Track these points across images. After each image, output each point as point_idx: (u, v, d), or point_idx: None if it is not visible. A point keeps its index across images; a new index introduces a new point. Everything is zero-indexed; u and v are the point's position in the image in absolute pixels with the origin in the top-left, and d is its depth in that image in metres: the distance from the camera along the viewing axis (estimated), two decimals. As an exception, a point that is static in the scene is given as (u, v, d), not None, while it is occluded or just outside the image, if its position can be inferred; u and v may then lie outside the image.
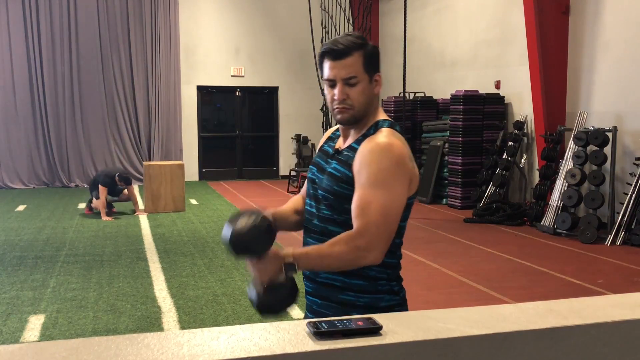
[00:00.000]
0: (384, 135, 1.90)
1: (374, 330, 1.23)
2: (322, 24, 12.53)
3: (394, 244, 1.93)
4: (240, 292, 5.51)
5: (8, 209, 10.03)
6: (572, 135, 8.35)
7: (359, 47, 1.91)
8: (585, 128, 8.25)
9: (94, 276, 6.00)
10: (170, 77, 13.58)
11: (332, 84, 1.93)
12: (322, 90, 12.77)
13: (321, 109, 13.08)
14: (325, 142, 2.12)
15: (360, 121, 1.96)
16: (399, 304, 1.99)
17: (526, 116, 9.62)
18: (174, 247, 7.27)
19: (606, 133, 7.86)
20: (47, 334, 4.45)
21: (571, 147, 8.34)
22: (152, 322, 4.73)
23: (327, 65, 1.93)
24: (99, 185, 9.07)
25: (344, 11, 12.65)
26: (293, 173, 12.63)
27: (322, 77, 1.98)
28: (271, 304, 1.96)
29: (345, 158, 1.95)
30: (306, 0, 12.75)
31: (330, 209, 1.97)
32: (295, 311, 4.98)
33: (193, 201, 10.85)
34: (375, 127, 1.95)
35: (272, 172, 14.78)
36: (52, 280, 5.84)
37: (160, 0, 13.34)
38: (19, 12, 12.53)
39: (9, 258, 6.69)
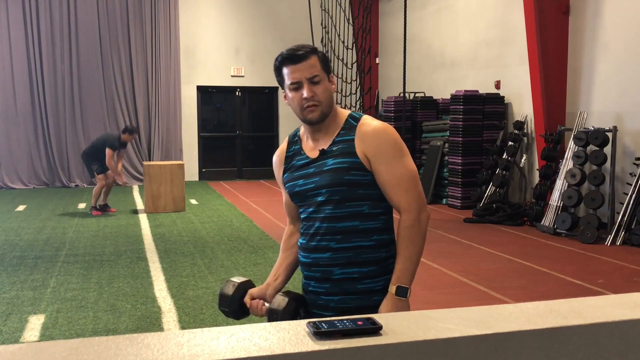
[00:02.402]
0: (372, 119, 2.13)
1: (374, 330, 1.23)
2: (322, 24, 12.53)
3: (390, 222, 2.16)
4: (240, 292, 5.50)
5: (8, 209, 10.04)
6: (572, 135, 8.35)
7: (313, 51, 2.13)
8: (585, 128, 8.25)
9: (94, 276, 6.00)
10: (170, 77, 13.58)
11: (298, 86, 2.08)
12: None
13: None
14: (290, 161, 2.21)
15: (326, 118, 2.11)
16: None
17: (526, 116, 9.62)
18: (174, 247, 7.27)
19: (606, 133, 7.86)
20: (47, 334, 4.45)
21: (571, 147, 8.34)
22: (152, 322, 4.73)
23: (288, 70, 2.10)
24: (106, 149, 9.05)
25: (344, 11, 12.65)
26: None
27: (283, 84, 2.13)
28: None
29: (342, 150, 2.09)
30: (306, 0, 12.76)
31: (337, 206, 2.08)
32: (295, 311, 4.98)
33: (193, 201, 10.85)
34: (353, 119, 2.13)
35: (272, 172, 14.75)
36: (52, 280, 5.84)
37: (160, 0, 13.34)
38: (19, 12, 12.53)
39: (9, 258, 6.69)
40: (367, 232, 2.09)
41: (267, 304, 2.25)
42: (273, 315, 2.10)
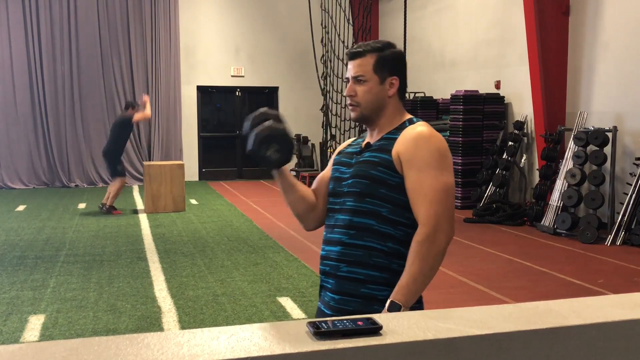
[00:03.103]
0: (424, 126, 2.04)
1: (374, 330, 1.23)
2: (322, 24, 12.53)
3: (411, 235, 1.99)
4: (240, 292, 5.51)
5: (8, 209, 10.04)
6: (572, 135, 8.35)
7: (373, 50, 2.05)
8: (585, 128, 8.25)
9: (94, 276, 6.00)
10: (170, 77, 13.58)
11: (347, 81, 2.09)
12: (322, 90, 12.84)
13: (321, 109, 13.08)
14: (347, 147, 2.21)
15: (372, 119, 2.08)
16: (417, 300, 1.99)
17: (526, 116, 9.62)
18: (174, 247, 7.27)
19: (606, 133, 7.86)
20: (47, 334, 4.45)
21: (571, 147, 8.34)
22: (152, 322, 4.73)
23: (348, 65, 2.11)
24: (133, 120, 9.57)
25: (344, 11, 12.65)
26: (293, 173, 12.63)
27: None
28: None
29: (380, 146, 2.04)
30: (306, 0, 12.76)
31: (357, 199, 2.02)
32: (296, 311, 4.98)
33: (193, 201, 10.85)
34: (410, 122, 2.07)
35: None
36: (52, 280, 5.84)
37: (160, 0, 13.34)
38: (19, 12, 12.53)
39: (9, 258, 6.69)
40: (383, 236, 1.98)
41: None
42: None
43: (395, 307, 1.88)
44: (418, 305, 2.01)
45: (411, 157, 1.96)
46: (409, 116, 2.11)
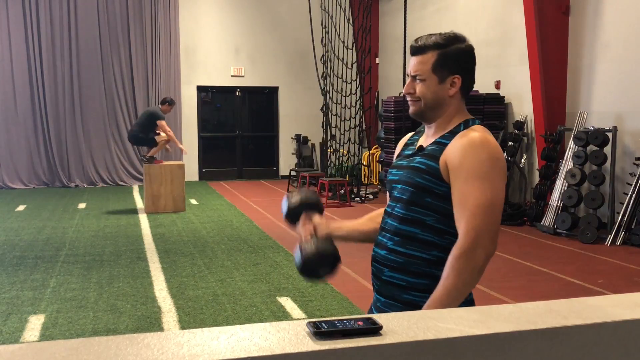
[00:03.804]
0: (477, 131, 1.92)
1: (374, 330, 1.22)
2: (322, 24, 12.52)
3: None
4: (240, 292, 5.51)
5: (8, 209, 10.04)
6: (572, 135, 8.35)
7: (436, 47, 1.95)
8: (585, 128, 8.25)
9: (94, 276, 6.00)
10: (170, 77, 13.58)
11: (408, 77, 2.02)
12: (322, 90, 12.84)
13: (321, 109, 13.08)
14: (404, 148, 2.14)
15: (430, 117, 2.00)
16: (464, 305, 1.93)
17: (526, 116, 9.62)
18: (174, 247, 7.27)
19: (606, 133, 7.86)
20: (47, 334, 4.45)
21: (571, 147, 8.34)
22: (152, 322, 4.73)
23: (410, 59, 2.03)
24: (158, 122, 9.64)
25: (344, 11, 12.64)
26: (293, 173, 12.62)
27: None
28: (316, 265, 2.07)
29: (431, 152, 1.96)
30: (306, 0, 12.75)
31: (403, 207, 1.97)
32: (296, 311, 4.98)
33: (193, 201, 10.85)
34: (465, 125, 1.97)
35: (272, 172, 14.78)
36: (52, 280, 5.84)
37: (160, 0, 13.34)
38: (19, 12, 12.53)
39: (9, 258, 6.70)
40: (427, 245, 1.93)
41: (310, 237, 2.12)
42: (300, 252, 2.06)
43: None
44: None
45: (458, 166, 1.87)
46: (466, 117, 2.01)
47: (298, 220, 2.16)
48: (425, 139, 2.04)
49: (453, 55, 1.96)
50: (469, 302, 1.96)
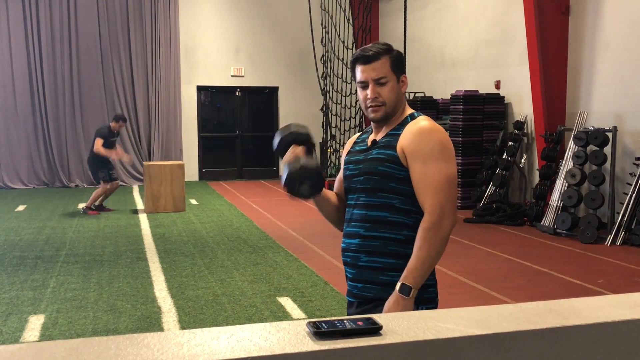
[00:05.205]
0: (425, 120, 2.17)
1: (374, 330, 1.23)
2: (322, 24, 12.53)
3: None
4: (240, 292, 5.51)
5: (8, 209, 10.04)
6: (572, 135, 8.35)
7: (385, 52, 2.18)
8: (585, 128, 8.25)
9: (94, 276, 6.00)
10: (170, 77, 13.58)
11: (365, 85, 2.18)
12: (322, 90, 12.84)
13: (321, 109, 13.08)
14: (354, 146, 2.33)
15: (391, 117, 2.20)
16: (432, 285, 2.20)
17: (526, 116, 9.62)
18: (174, 247, 7.27)
19: (606, 133, 7.86)
20: (47, 334, 4.45)
21: (571, 147, 8.34)
22: (152, 322, 4.73)
23: (359, 69, 2.19)
24: (96, 139, 9.16)
25: (344, 11, 12.65)
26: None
27: (355, 81, 2.25)
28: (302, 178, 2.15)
29: (386, 143, 2.17)
30: (306, 0, 12.76)
31: (370, 194, 2.16)
32: (296, 311, 4.98)
33: (193, 201, 10.86)
34: (412, 117, 2.20)
35: (272, 172, 14.78)
36: (52, 280, 5.84)
37: (160, 0, 13.34)
38: (19, 12, 12.53)
39: (9, 258, 6.69)
40: (397, 226, 2.13)
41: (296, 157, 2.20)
42: (285, 169, 2.16)
43: (405, 289, 2.05)
44: (432, 278, 2.19)
45: (415, 150, 2.09)
46: (411, 111, 2.24)
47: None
48: (376, 135, 2.24)
49: (398, 57, 2.22)
50: (435, 281, 2.23)
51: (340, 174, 2.35)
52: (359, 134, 2.38)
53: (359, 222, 2.18)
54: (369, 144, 2.23)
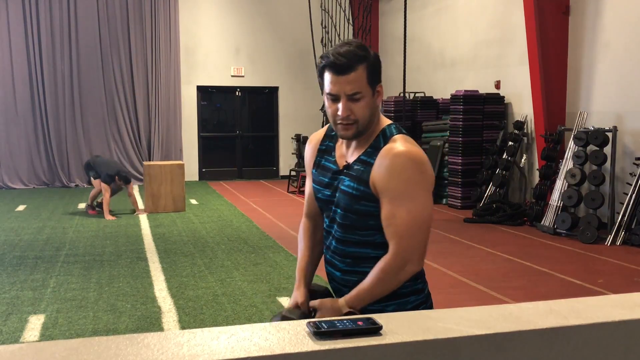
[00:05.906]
0: (399, 144, 1.89)
1: (374, 330, 1.23)
2: (322, 24, 12.52)
3: None
4: (240, 292, 5.51)
5: (8, 209, 10.03)
6: (572, 135, 8.35)
7: (362, 59, 1.86)
8: (585, 128, 8.25)
9: (94, 276, 6.00)
10: (170, 77, 13.58)
11: (335, 98, 1.88)
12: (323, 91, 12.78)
13: (321, 109, 13.07)
14: (320, 156, 2.09)
15: (364, 134, 1.94)
16: (424, 302, 2.03)
17: (526, 116, 9.62)
18: (174, 247, 7.27)
19: (606, 133, 7.86)
20: (47, 334, 4.45)
21: (571, 147, 8.34)
22: (152, 322, 4.73)
23: (329, 78, 1.87)
24: (102, 183, 9.09)
25: (344, 11, 12.64)
26: (293, 173, 12.63)
27: (322, 88, 1.92)
28: None
29: (358, 173, 1.93)
30: (306, 0, 12.75)
31: (348, 231, 1.98)
32: (295, 311, 4.98)
33: (193, 201, 10.85)
34: (384, 136, 1.94)
35: (272, 172, 14.78)
36: (52, 280, 5.84)
37: (160, 0, 13.34)
38: (19, 12, 12.53)
39: (9, 258, 6.69)
40: (379, 260, 1.95)
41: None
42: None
43: (345, 307, 1.90)
44: (423, 296, 2.04)
45: (385, 187, 1.87)
46: (386, 122, 1.98)
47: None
48: (346, 150, 2.00)
49: (375, 64, 1.90)
50: (427, 297, 2.06)
51: (310, 189, 2.13)
52: (322, 135, 2.11)
53: (339, 256, 2.01)
54: (339, 164, 2.00)
